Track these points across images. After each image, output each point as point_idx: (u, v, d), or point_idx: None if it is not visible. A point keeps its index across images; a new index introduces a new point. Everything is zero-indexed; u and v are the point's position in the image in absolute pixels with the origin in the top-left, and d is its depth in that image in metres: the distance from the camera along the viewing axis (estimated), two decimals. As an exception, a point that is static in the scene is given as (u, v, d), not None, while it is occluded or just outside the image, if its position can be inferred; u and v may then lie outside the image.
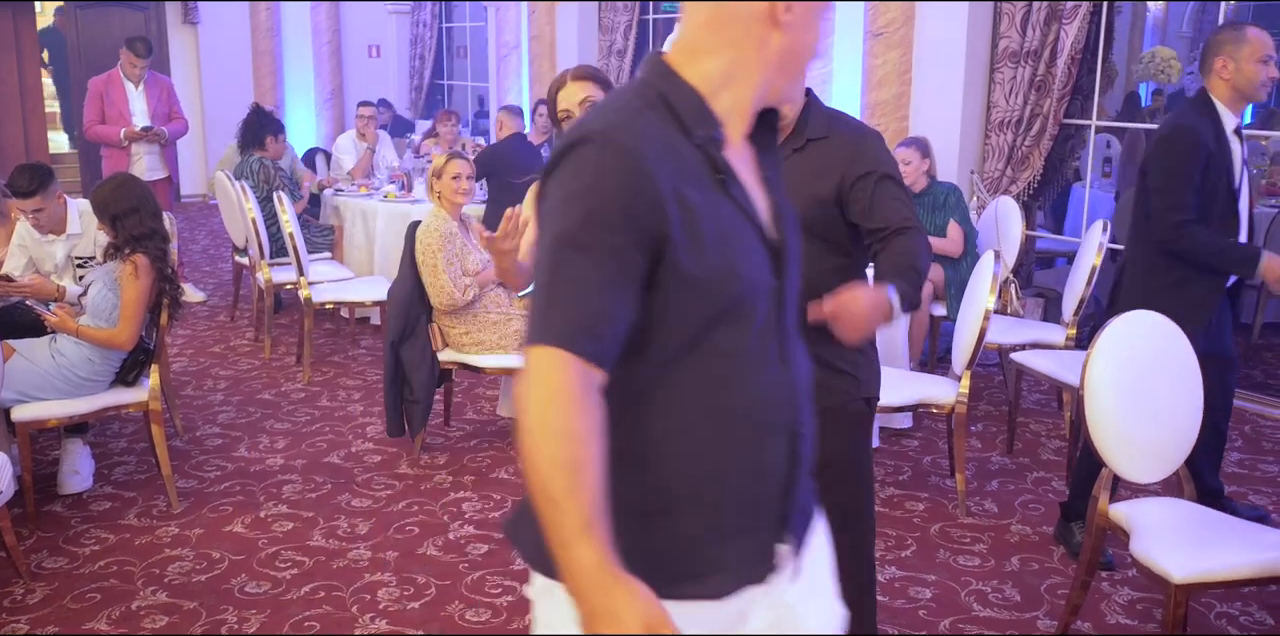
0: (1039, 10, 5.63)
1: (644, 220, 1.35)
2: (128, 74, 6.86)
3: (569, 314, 1.33)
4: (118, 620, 3.20)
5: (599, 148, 1.37)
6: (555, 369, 1.32)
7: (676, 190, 1.37)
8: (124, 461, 4.44)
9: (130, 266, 3.71)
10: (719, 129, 1.46)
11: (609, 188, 1.34)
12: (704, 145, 1.43)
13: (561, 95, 2.59)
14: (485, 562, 3.56)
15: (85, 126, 6.92)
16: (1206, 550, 2.67)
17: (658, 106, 1.44)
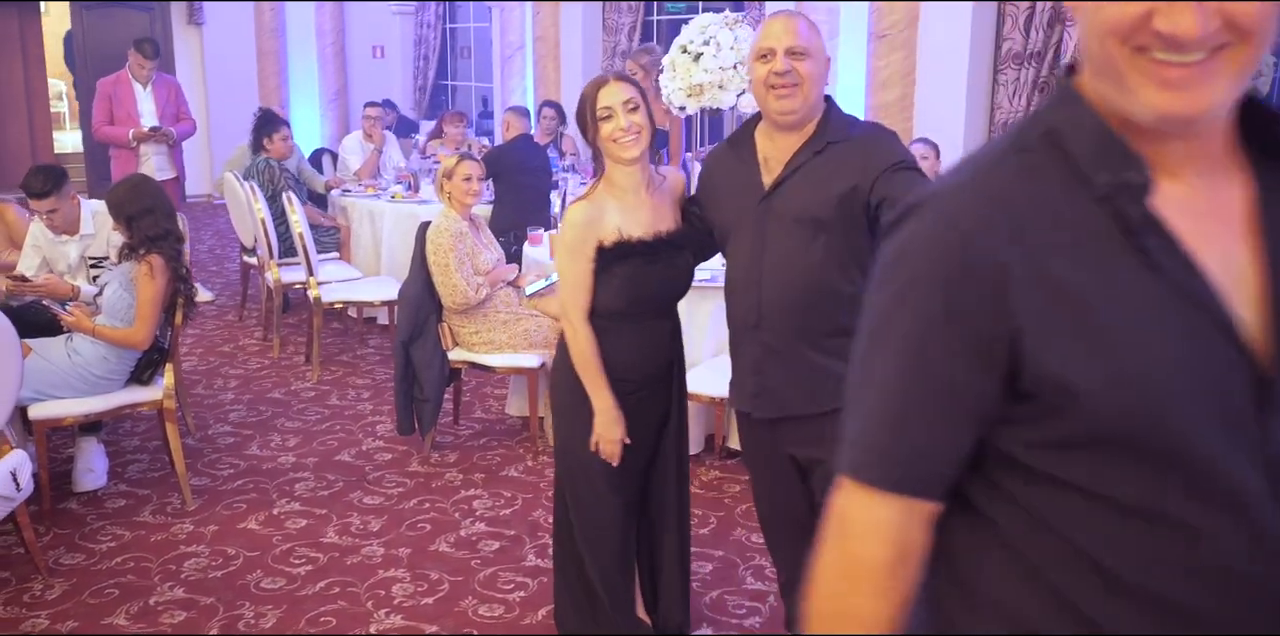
0: (1042, 12, 5.68)
1: (969, 312, 1.00)
2: (136, 75, 6.91)
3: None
4: (136, 615, 3.25)
5: (919, 219, 1.04)
6: None
7: (1039, 266, 0.98)
8: (137, 459, 4.49)
9: (146, 266, 3.76)
10: (1139, 169, 0.98)
11: (920, 272, 1.03)
12: (1112, 195, 0.98)
13: (603, 93, 2.57)
14: (497, 559, 3.61)
15: (94, 127, 6.97)
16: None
17: (1039, 149, 1.03)
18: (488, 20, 11.04)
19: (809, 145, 2.46)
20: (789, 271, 2.44)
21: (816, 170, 2.43)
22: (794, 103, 2.40)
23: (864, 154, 2.42)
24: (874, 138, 2.48)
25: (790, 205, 2.45)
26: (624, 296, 2.63)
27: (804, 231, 2.42)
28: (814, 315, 2.45)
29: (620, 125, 2.53)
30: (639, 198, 2.63)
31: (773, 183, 2.48)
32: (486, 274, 4.41)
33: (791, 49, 2.39)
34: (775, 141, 2.51)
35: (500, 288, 4.50)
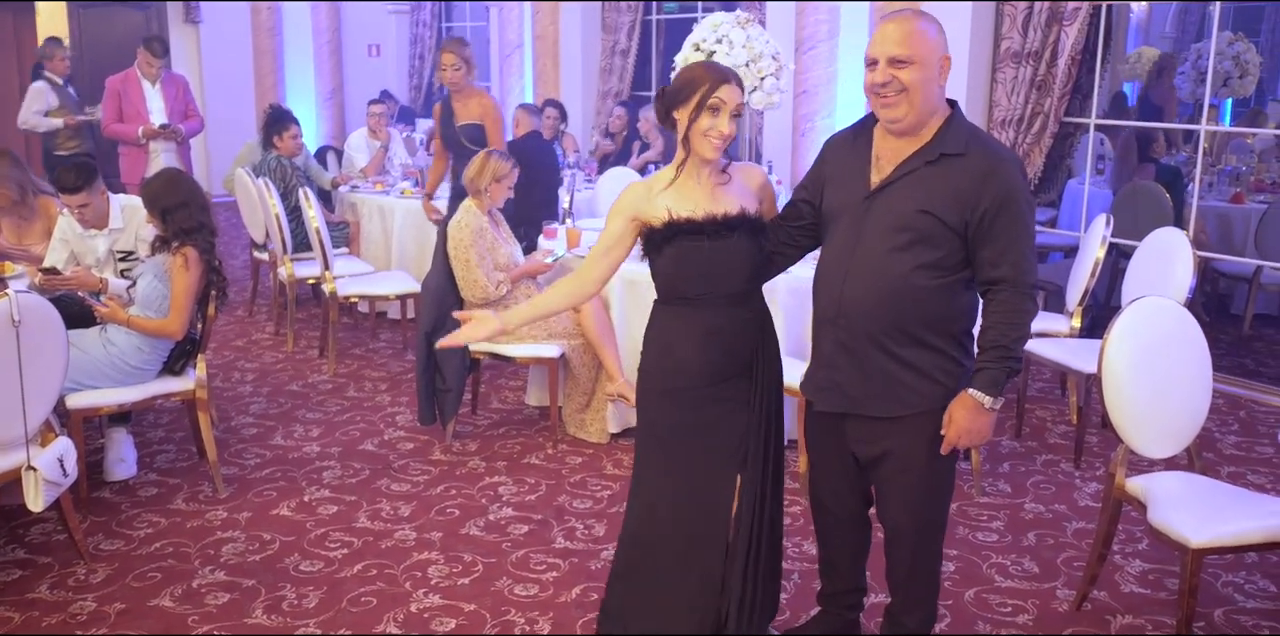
0: (1040, 12, 5.82)
1: None
2: (144, 73, 6.98)
3: None
4: (181, 597, 3.34)
5: None
6: None
7: None
8: (164, 450, 4.58)
9: (180, 258, 3.85)
10: None
11: None
12: None
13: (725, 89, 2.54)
14: (527, 542, 3.72)
15: (103, 124, 7.04)
16: (1220, 517, 2.85)
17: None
18: (484, 19, 11.13)
19: (922, 152, 2.46)
20: (875, 273, 2.48)
21: (925, 181, 2.44)
22: (898, 112, 2.43)
23: (980, 180, 2.40)
24: (993, 161, 2.43)
25: (891, 209, 2.47)
26: (678, 276, 2.62)
27: (898, 237, 2.45)
28: (892, 320, 2.48)
29: (721, 129, 2.54)
30: (699, 180, 2.63)
31: (880, 183, 2.50)
32: (507, 268, 4.52)
33: (894, 58, 2.41)
34: (889, 142, 2.53)
35: (523, 282, 4.60)
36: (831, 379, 2.61)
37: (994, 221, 2.41)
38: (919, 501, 2.63)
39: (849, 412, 2.61)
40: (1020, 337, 2.46)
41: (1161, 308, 3.16)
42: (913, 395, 2.53)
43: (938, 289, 2.48)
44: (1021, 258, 2.44)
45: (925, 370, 2.52)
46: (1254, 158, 7.77)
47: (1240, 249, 6.62)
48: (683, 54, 4.88)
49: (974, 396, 2.46)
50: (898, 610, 2.79)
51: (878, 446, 2.61)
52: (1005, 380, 2.47)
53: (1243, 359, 6.01)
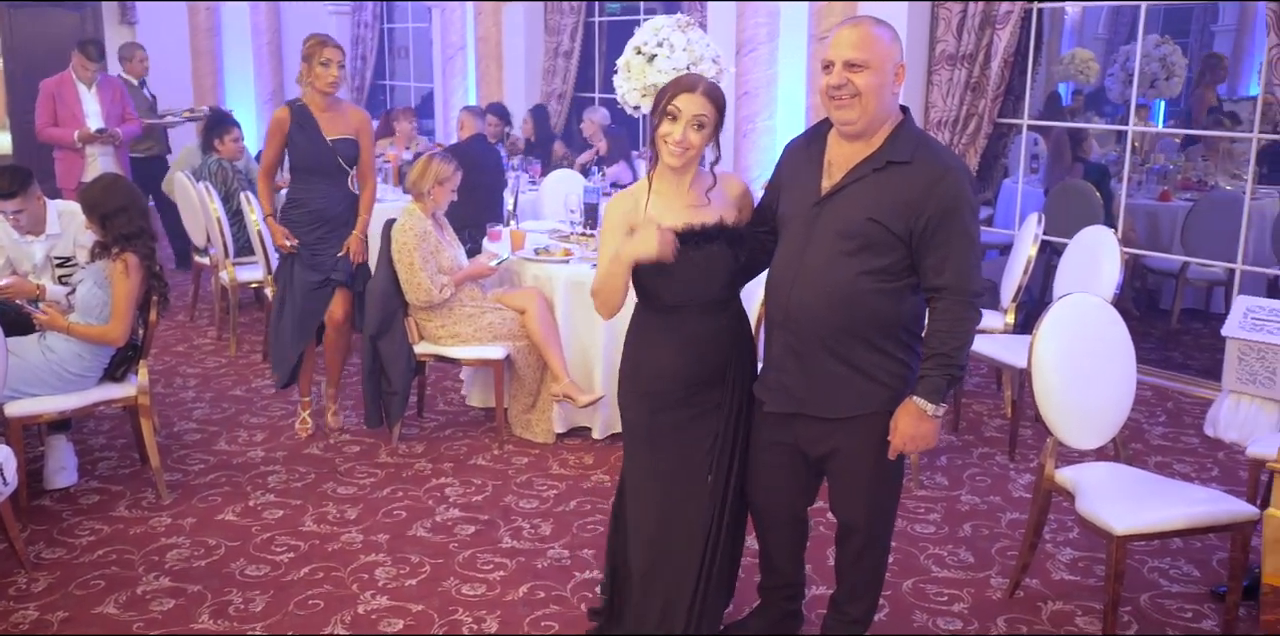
0: (974, 15, 5.95)
1: None
2: (80, 76, 6.88)
3: None
4: (125, 604, 3.33)
5: None
6: None
7: None
8: (106, 457, 4.54)
9: (121, 264, 3.82)
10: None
11: None
12: None
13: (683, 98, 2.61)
14: (474, 542, 3.75)
15: (38, 128, 6.92)
16: (1143, 505, 2.97)
17: None
18: (426, 20, 11.09)
19: (871, 159, 2.51)
20: (822, 278, 2.53)
21: (872, 188, 2.49)
22: (851, 114, 2.47)
23: (925, 189, 2.46)
24: (939, 170, 2.48)
25: (839, 215, 2.52)
26: (656, 283, 2.69)
27: (846, 243, 2.51)
28: (839, 324, 2.54)
29: (676, 136, 2.60)
30: (678, 190, 2.70)
31: (829, 190, 2.55)
32: (451, 272, 4.54)
33: (850, 61, 2.45)
34: (842, 147, 2.57)
35: (466, 286, 4.63)
36: (780, 381, 2.67)
37: (937, 230, 2.46)
38: (868, 498, 2.71)
39: (798, 413, 2.67)
40: (961, 346, 2.51)
41: (1087, 304, 3.28)
42: (860, 397, 2.59)
43: (884, 294, 2.53)
44: (964, 266, 2.49)
45: (872, 373, 2.57)
46: (1181, 156, 8.00)
47: (1168, 246, 6.82)
48: (624, 57, 4.93)
49: (917, 403, 2.53)
50: (843, 599, 2.86)
51: (826, 445, 2.67)
52: (947, 387, 2.52)
53: (1170, 352, 6.20)
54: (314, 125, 4.47)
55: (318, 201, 4.55)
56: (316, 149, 4.48)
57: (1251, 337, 4.55)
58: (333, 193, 4.58)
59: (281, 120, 4.49)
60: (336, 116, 4.53)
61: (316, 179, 4.54)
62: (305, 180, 4.57)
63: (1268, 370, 4.52)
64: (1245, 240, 5.48)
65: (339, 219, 4.58)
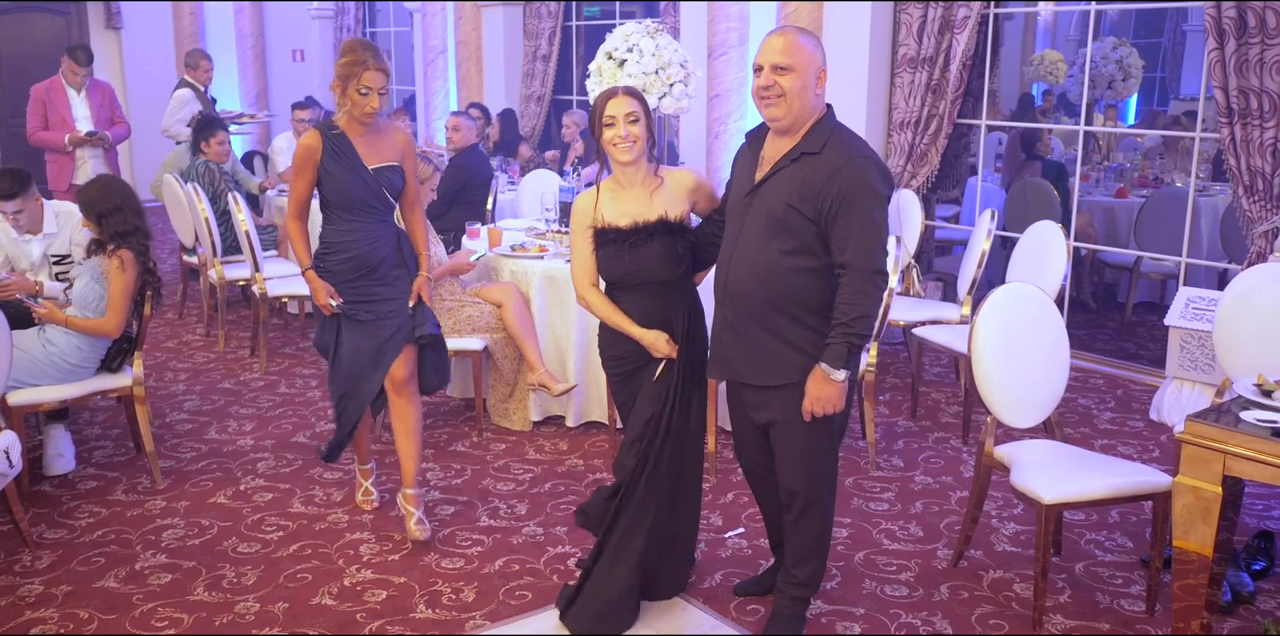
0: (933, 20, 6.20)
1: None
2: (69, 80, 7.06)
3: None
4: (125, 579, 3.54)
5: None
6: None
7: None
8: (101, 446, 4.74)
9: (117, 261, 4.03)
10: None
11: None
12: None
13: (610, 104, 3.02)
14: (453, 521, 3.97)
15: (29, 132, 7.10)
16: (1071, 477, 3.21)
17: None
18: (408, 24, 11.30)
19: (789, 152, 2.85)
20: (752, 259, 2.88)
21: (789, 177, 2.83)
22: (778, 111, 2.82)
23: (829, 176, 2.76)
24: (843, 159, 2.77)
25: (763, 204, 2.87)
26: (608, 271, 3.15)
27: (770, 227, 2.85)
28: (767, 300, 2.88)
29: (619, 133, 3.01)
30: (631, 192, 3.11)
31: (758, 181, 2.90)
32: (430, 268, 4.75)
33: (776, 65, 2.80)
34: (774, 143, 2.93)
35: (446, 281, 4.85)
36: (720, 352, 3.02)
37: (839, 213, 2.77)
38: (802, 461, 2.97)
39: (738, 382, 3.01)
40: (860, 316, 2.78)
41: (1024, 293, 3.52)
42: (787, 366, 2.90)
43: (804, 271, 2.84)
44: (863, 245, 2.77)
45: (797, 343, 2.88)
46: (1139, 155, 8.28)
47: (1125, 241, 7.09)
48: (596, 62, 5.16)
49: (822, 368, 2.84)
50: (790, 563, 3.11)
51: (765, 413, 2.99)
52: (848, 353, 2.80)
53: (1124, 343, 6.47)
54: (351, 153, 3.62)
55: (361, 245, 3.67)
56: (357, 181, 3.61)
57: (1191, 326, 4.80)
58: (378, 232, 3.70)
59: (311, 149, 3.61)
60: (377, 140, 3.69)
61: (358, 217, 3.66)
62: (344, 219, 3.68)
63: (1207, 357, 4.78)
64: (1191, 235, 5.74)
65: (387, 263, 3.73)
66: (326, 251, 3.72)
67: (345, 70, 3.55)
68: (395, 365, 3.73)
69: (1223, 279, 6.43)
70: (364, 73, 3.52)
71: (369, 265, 3.69)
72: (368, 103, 3.56)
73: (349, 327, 3.73)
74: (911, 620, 3.28)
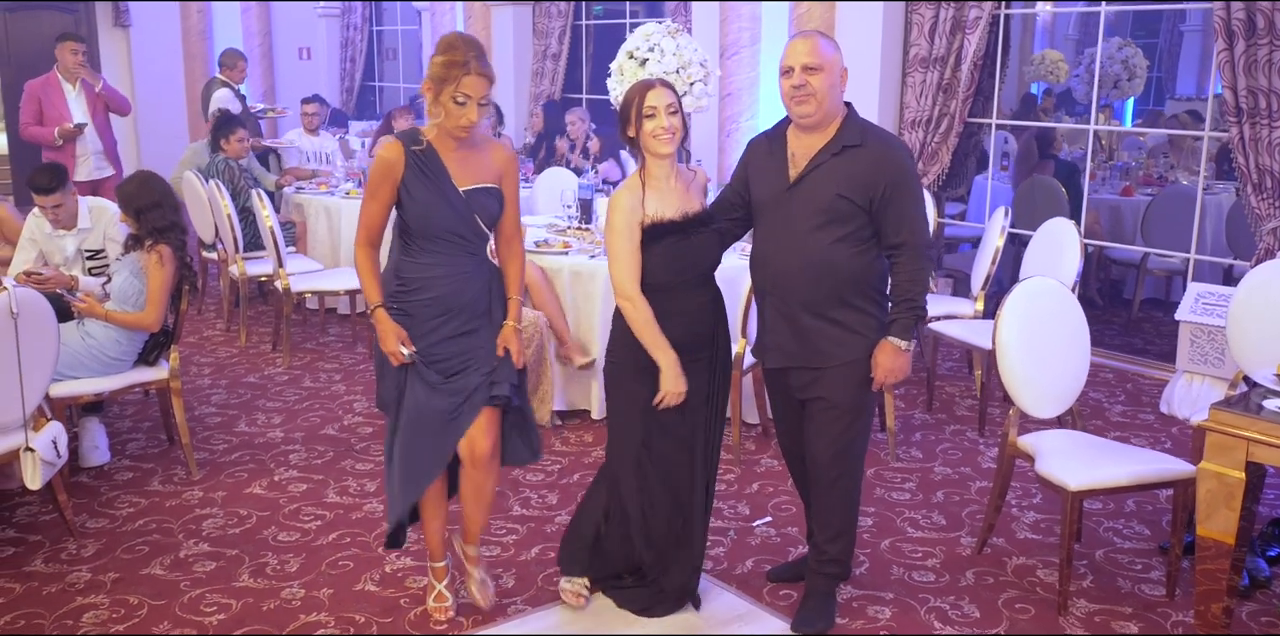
0: (945, 21, 6.30)
1: None
2: (65, 74, 7.06)
3: None
4: (170, 566, 3.62)
5: None
6: None
7: None
8: (134, 438, 4.82)
9: (155, 256, 4.11)
10: None
11: None
12: None
13: (651, 95, 3.01)
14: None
15: (20, 128, 7.12)
16: (1095, 465, 3.32)
17: None
18: (415, 23, 11.39)
19: (828, 147, 3.00)
20: (800, 251, 3.02)
21: (833, 170, 2.98)
22: (809, 108, 2.97)
23: (875, 165, 2.96)
24: (885, 149, 3.00)
25: (808, 197, 3.00)
26: (666, 268, 3.03)
27: (816, 220, 2.99)
28: (818, 287, 3.03)
29: (662, 124, 2.99)
30: (670, 185, 3.10)
31: (797, 176, 3.03)
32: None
33: (807, 65, 2.96)
34: (801, 140, 3.06)
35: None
36: (775, 341, 3.15)
37: (891, 198, 2.97)
38: (840, 434, 3.10)
39: (788, 366, 3.13)
40: (922, 291, 3.00)
41: (1045, 287, 3.62)
42: (840, 347, 3.07)
43: (852, 257, 3.01)
44: (916, 224, 2.99)
45: (849, 325, 3.04)
46: (1143, 154, 8.39)
47: (1130, 238, 7.20)
48: (618, 62, 5.25)
49: (892, 342, 3.03)
50: (822, 540, 3.22)
51: (812, 391, 3.12)
52: (914, 325, 3.02)
53: (1132, 339, 6.58)
54: (440, 172, 3.01)
55: (445, 282, 3.05)
56: (445, 206, 3.01)
57: (1202, 321, 4.91)
58: (467, 268, 3.08)
59: (391, 164, 2.99)
60: (473, 157, 3.08)
61: (444, 248, 3.05)
62: (426, 251, 3.05)
63: (1217, 351, 4.89)
64: (1200, 231, 5.85)
65: (475, 307, 3.10)
66: (403, 288, 3.07)
67: (441, 71, 2.92)
68: (475, 432, 3.13)
69: (1228, 275, 6.54)
70: (463, 77, 2.89)
71: (453, 307, 3.06)
72: (464, 114, 2.92)
73: (419, 381, 3.08)
74: (940, 604, 3.38)
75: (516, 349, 3.17)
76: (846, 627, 3.23)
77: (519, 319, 3.20)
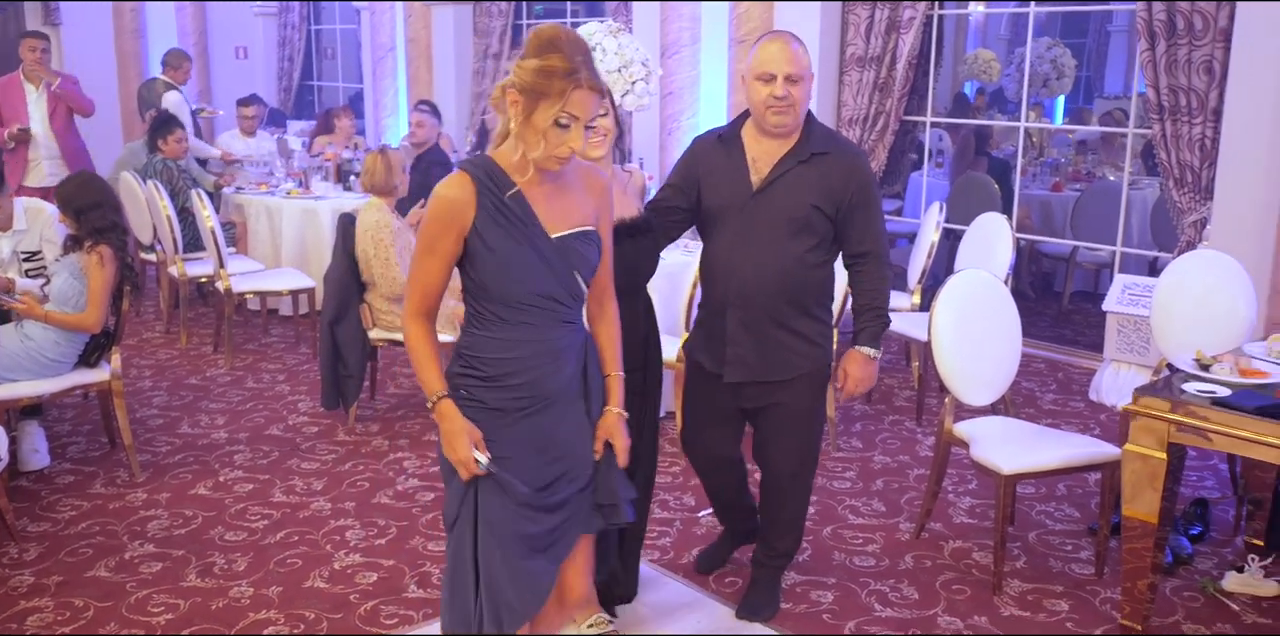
0: (880, 21, 6.43)
1: None
2: (27, 73, 6.93)
3: None
4: (115, 568, 3.61)
5: None
6: None
7: None
8: (74, 441, 4.77)
9: (96, 256, 4.08)
10: None
11: None
12: None
13: None
14: (435, 506, 4.09)
15: None
16: (1027, 449, 3.44)
17: None
18: (354, 22, 11.30)
19: (794, 153, 2.92)
20: (770, 261, 2.93)
21: (801, 177, 2.91)
22: (788, 119, 2.89)
23: (844, 172, 2.92)
24: (852, 158, 2.98)
25: (776, 205, 2.92)
26: None
27: (787, 228, 2.93)
28: (786, 297, 2.97)
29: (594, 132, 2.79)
30: None
31: (761, 183, 2.94)
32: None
33: (790, 75, 2.86)
34: (762, 145, 2.97)
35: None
36: (736, 354, 3.03)
37: (857, 205, 2.95)
38: (800, 444, 3.14)
39: (749, 380, 3.05)
40: (887, 299, 3.03)
41: (978, 279, 3.74)
42: (802, 359, 3.04)
43: (818, 267, 2.99)
44: (879, 233, 3.01)
45: (810, 336, 3.03)
46: (1071, 150, 8.63)
47: (1060, 232, 7.40)
48: (558, 61, 5.29)
49: (862, 351, 3.03)
50: (773, 537, 3.27)
51: (767, 400, 3.08)
52: (882, 333, 3.04)
53: (1062, 330, 6.77)
54: (528, 215, 2.26)
55: (534, 363, 2.30)
56: (532, 260, 2.26)
57: (1128, 311, 5.08)
58: (559, 341, 2.33)
59: (458, 205, 2.22)
60: (563, 192, 2.33)
61: (532, 318, 2.29)
62: (503, 320, 2.28)
63: (1142, 340, 5.06)
64: (1126, 225, 6.04)
65: (568, 392, 2.37)
66: (474, 371, 2.31)
67: (537, 81, 2.17)
68: (570, 569, 2.45)
69: (1153, 267, 6.75)
70: (572, 91, 2.17)
71: (541, 395, 2.32)
72: (567, 140, 2.20)
73: (496, 496, 2.31)
74: (880, 587, 3.48)
75: (623, 444, 2.42)
76: (790, 612, 3.32)
77: (622, 402, 2.45)
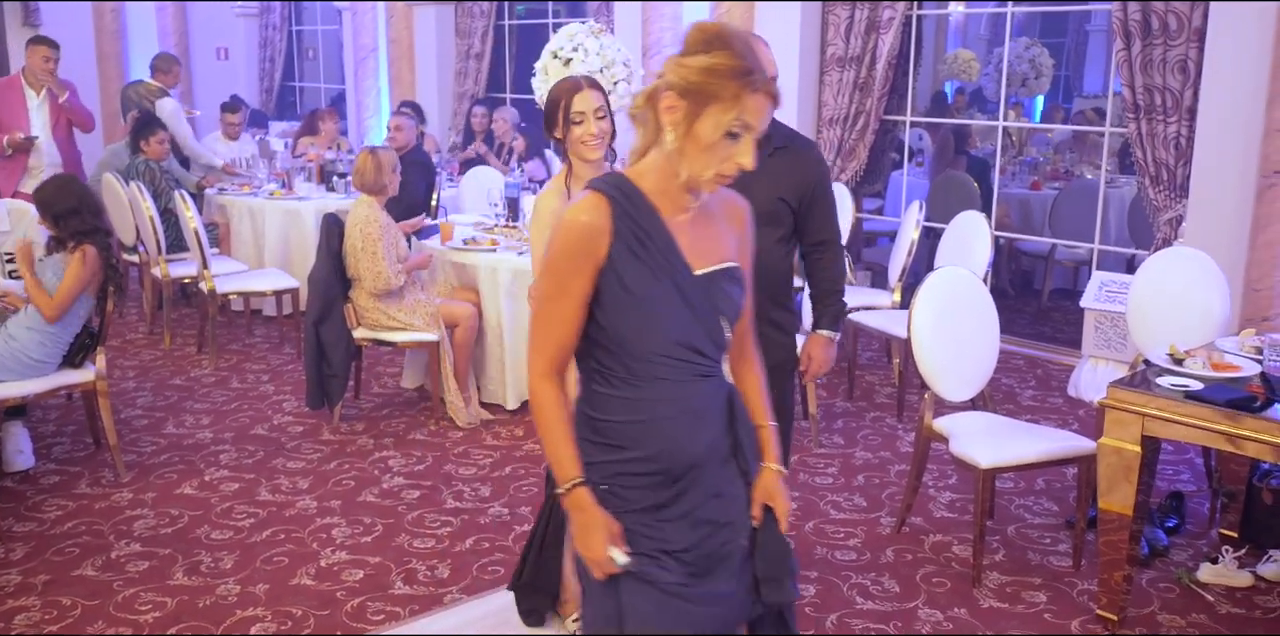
0: (860, 21, 6.49)
1: None
2: (31, 79, 6.84)
3: None
4: (102, 567, 3.62)
5: None
6: None
7: None
8: (58, 442, 4.78)
9: (80, 254, 4.09)
10: None
11: None
12: None
13: (578, 99, 2.91)
14: (420, 504, 4.12)
15: None
16: (1005, 444, 3.49)
17: None
18: (335, 23, 11.30)
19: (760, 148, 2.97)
20: None
21: (770, 172, 2.86)
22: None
23: (802, 165, 2.99)
24: (810, 150, 3.07)
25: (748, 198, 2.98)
26: None
27: (759, 220, 2.89)
28: (760, 290, 2.92)
29: (590, 131, 2.90)
30: None
31: None
32: (403, 259, 4.89)
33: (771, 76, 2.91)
34: None
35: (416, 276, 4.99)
36: None
37: (817, 197, 3.05)
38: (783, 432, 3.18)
39: None
40: (844, 285, 3.13)
41: (957, 277, 3.79)
42: (777, 349, 3.06)
43: (785, 257, 3.09)
44: (835, 222, 3.11)
45: (784, 326, 3.11)
46: (1050, 149, 8.71)
47: (1039, 230, 7.48)
48: (542, 62, 5.32)
49: (824, 334, 3.15)
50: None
51: None
52: (841, 315, 3.15)
53: (1041, 327, 6.84)
54: (669, 248, 1.91)
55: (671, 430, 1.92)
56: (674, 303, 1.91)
57: (1105, 308, 5.15)
58: (702, 399, 1.96)
59: (593, 233, 1.87)
60: (705, 220, 2.00)
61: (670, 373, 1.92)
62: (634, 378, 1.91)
63: (1119, 336, 5.13)
64: (1104, 223, 6.12)
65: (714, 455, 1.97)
66: (601, 440, 1.94)
67: (708, 83, 1.82)
68: None
69: (1130, 264, 6.83)
70: (747, 96, 1.84)
71: (683, 465, 1.92)
72: (738, 154, 1.88)
73: (641, 590, 1.90)
74: (861, 581, 3.52)
75: (785, 508, 2.01)
76: (773, 605, 3.36)
77: (779, 458, 2.06)
